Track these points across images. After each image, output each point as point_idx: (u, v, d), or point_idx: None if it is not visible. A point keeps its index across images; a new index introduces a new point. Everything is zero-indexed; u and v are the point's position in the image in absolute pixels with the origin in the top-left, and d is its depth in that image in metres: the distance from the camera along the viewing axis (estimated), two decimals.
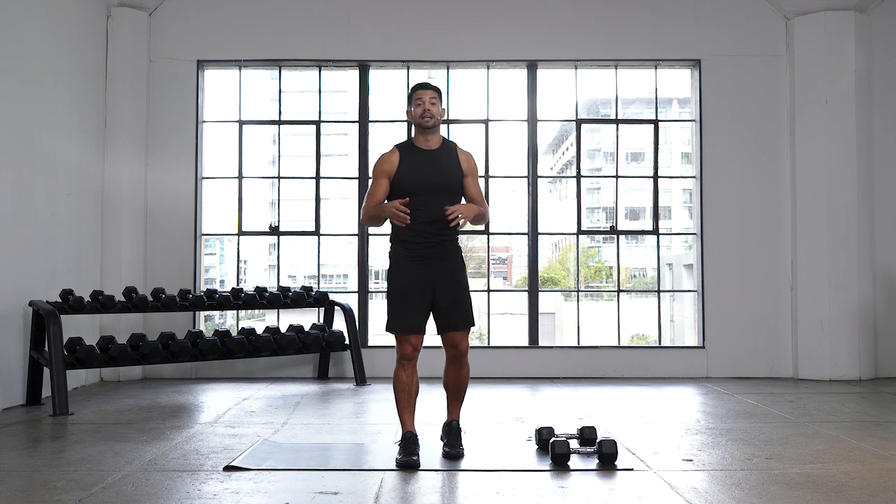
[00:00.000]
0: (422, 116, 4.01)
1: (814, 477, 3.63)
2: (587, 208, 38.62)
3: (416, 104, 4.05)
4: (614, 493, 3.43)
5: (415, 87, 4.14)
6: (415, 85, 4.16)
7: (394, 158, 4.03)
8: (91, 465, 3.89)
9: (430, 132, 4.06)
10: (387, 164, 4.02)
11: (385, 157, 4.05)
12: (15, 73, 5.76)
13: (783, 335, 7.36)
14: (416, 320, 3.95)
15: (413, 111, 4.07)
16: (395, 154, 4.05)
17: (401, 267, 4.00)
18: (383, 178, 4.01)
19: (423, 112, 4.00)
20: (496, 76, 7.75)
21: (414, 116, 4.07)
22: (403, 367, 3.99)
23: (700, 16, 7.54)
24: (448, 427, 4.16)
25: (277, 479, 3.64)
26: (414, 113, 4.07)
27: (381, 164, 4.04)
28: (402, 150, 4.08)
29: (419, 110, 4.03)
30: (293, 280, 22.83)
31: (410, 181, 3.97)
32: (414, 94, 4.09)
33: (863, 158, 7.21)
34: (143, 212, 7.30)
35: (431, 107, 4.01)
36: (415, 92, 4.10)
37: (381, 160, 4.05)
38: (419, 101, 4.04)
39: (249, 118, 7.78)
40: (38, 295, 5.96)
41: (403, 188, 3.97)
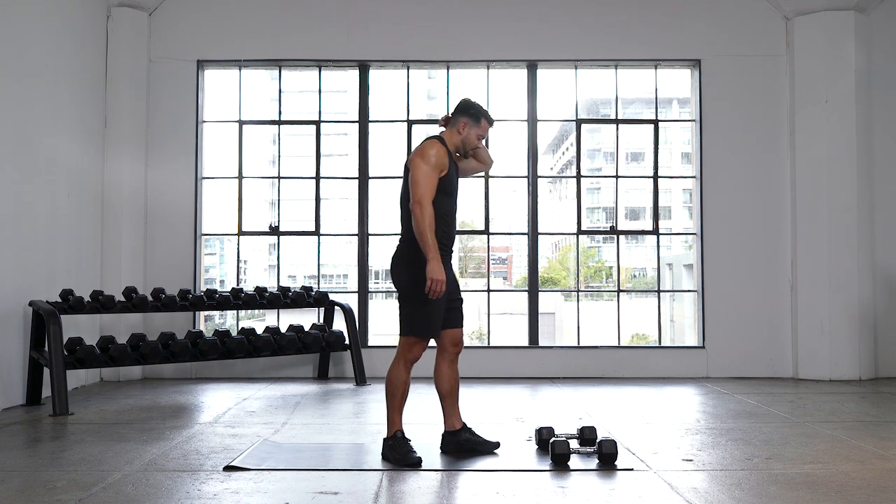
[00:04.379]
0: (473, 147, 4.15)
1: (814, 477, 3.63)
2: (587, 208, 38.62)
3: (479, 135, 4.12)
4: (614, 493, 3.43)
5: (488, 116, 4.15)
6: (488, 114, 4.16)
7: (446, 156, 4.01)
8: (91, 465, 3.89)
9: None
10: (445, 159, 3.98)
11: (442, 151, 3.98)
12: (15, 73, 5.76)
13: (783, 335, 7.36)
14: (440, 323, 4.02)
15: (471, 136, 4.10)
16: (446, 152, 4.02)
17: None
18: (439, 171, 3.94)
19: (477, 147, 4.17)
20: (496, 76, 7.76)
21: (468, 139, 4.11)
22: (407, 369, 3.99)
23: (700, 16, 7.54)
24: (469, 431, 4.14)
25: (277, 479, 3.64)
26: (471, 138, 4.11)
27: (440, 157, 3.95)
28: (447, 149, 4.05)
29: (478, 143, 4.14)
30: (293, 280, 22.83)
31: (453, 185, 4.06)
32: (483, 123, 4.12)
33: (863, 158, 7.21)
34: (143, 212, 7.30)
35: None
36: (485, 122, 4.13)
37: (440, 153, 3.96)
38: (483, 137, 4.15)
39: (249, 118, 7.78)
40: (38, 295, 5.96)
41: (446, 190, 3.98)
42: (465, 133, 4.09)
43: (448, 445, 4.15)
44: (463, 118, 4.10)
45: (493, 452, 4.14)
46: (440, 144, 4.00)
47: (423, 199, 3.84)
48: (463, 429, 4.17)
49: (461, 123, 4.10)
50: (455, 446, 4.14)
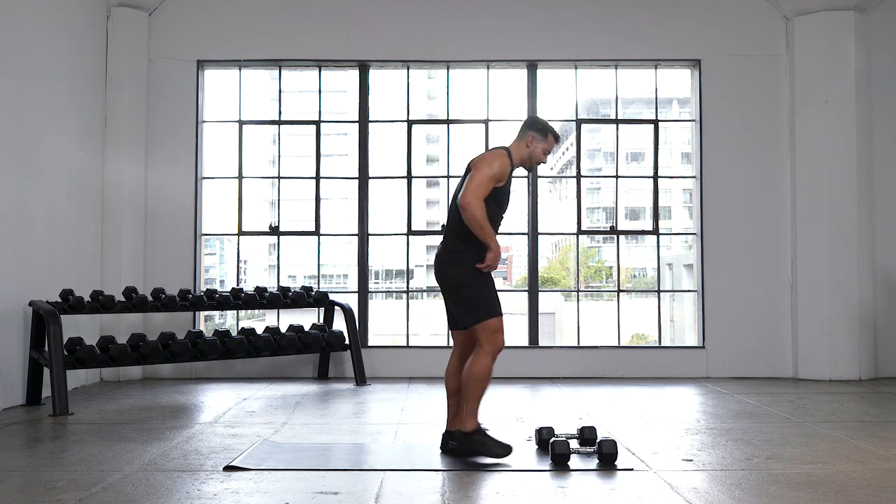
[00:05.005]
0: (539, 162, 4.18)
1: (814, 477, 3.63)
2: (587, 208, 38.63)
3: (545, 150, 4.14)
4: (614, 493, 3.43)
5: (555, 134, 4.18)
6: (556, 132, 4.19)
7: (508, 168, 4.04)
8: (91, 465, 3.89)
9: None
10: (506, 171, 4.02)
11: (506, 163, 4.02)
12: (15, 73, 5.76)
13: (783, 335, 7.36)
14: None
15: (538, 151, 4.13)
16: (509, 165, 4.05)
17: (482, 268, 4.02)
18: (496, 181, 3.97)
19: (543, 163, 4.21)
20: (496, 76, 7.75)
21: (535, 154, 4.14)
22: (494, 362, 4.01)
23: (700, 16, 7.54)
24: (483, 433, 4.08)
25: (277, 479, 3.64)
26: (538, 153, 4.13)
27: (503, 169, 3.99)
28: (511, 162, 4.08)
29: (544, 159, 4.17)
30: (293, 280, 22.85)
31: (506, 198, 4.10)
32: (551, 139, 4.15)
33: (863, 158, 7.21)
34: (143, 212, 7.30)
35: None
36: (552, 139, 4.16)
37: (503, 164, 3.99)
38: (549, 153, 4.17)
39: (249, 118, 7.78)
40: (38, 295, 5.96)
41: (498, 200, 4.02)
42: (532, 147, 4.12)
43: (448, 445, 4.14)
44: (531, 133, 4.12)
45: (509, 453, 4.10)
46: (506, 157, 4.04)
47: (474, 196, 3.89)
48: (477, 430, 4.12)
49: (529, 137, 4.12)
50: (480, 439, 4.10)
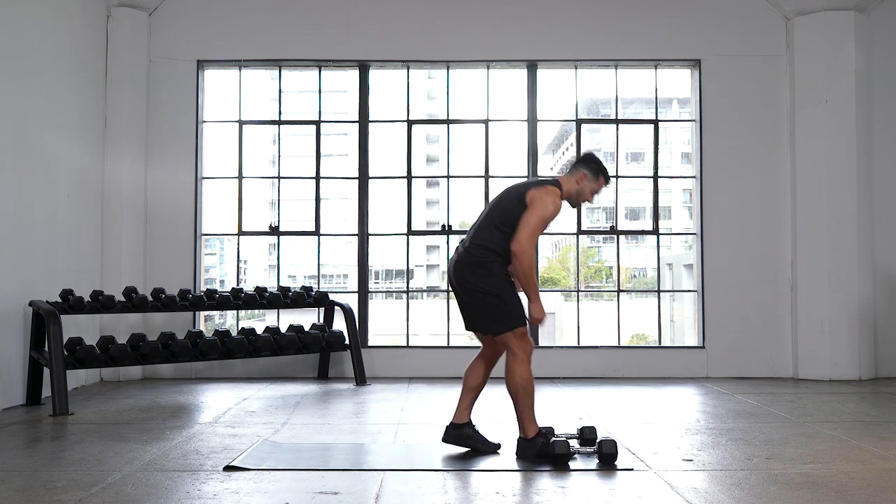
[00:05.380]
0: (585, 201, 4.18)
1: (814, 477, 3.63)
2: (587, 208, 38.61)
3: (593, 190, 4.14)
4: (614, 493, 3.43)
5: (607, 175, 4.17)
6: (608, 174, 4.18)
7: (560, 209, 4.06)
8: (91, 465, 3.89)
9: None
10: (559, 211, 4.03)
11: (559, 205, 4.03)
12: (15, 73, 5.76)
13: (783, 335, 7.36)
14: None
15: (586, 190, 4.12)
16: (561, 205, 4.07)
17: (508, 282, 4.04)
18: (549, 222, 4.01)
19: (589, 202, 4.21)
20: (496, 76, 7.75)
21: (583, 193, 4.13)
22: (530, 363, 4.02)
23: (700, 16, 7.54)
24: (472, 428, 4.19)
25: (277, 479, 3.64)
26: (586, 193, 4.13)
27: (556, 210, 4.01)
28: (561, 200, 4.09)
29: (591, 198, 4.16)
30: (293, 280, 22.85)
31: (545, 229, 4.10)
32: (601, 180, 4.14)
33: (863, 158, 7.21)
34: (143, 212, 7.30)
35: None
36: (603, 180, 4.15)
37: (557, 206, 4.00)
38: (597, 193, 4.17)
39: (249, 118, 7.78)
40: (38, 295, 5.96)
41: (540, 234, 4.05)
42: (581, 185, 4.11)
43: (450, 437, 4.17)
44: (584, 170, 4.11)
45: (496, 452, 4.15)
46: (559, 197, 4.03)
47: (529, 244, 3.90)
48: (468, 424, 4.18)
49: (580, 174, 4.11)
50: (456, 439, 4.16)
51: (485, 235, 4.03)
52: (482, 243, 4.01)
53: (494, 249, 3.97)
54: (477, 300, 4.03)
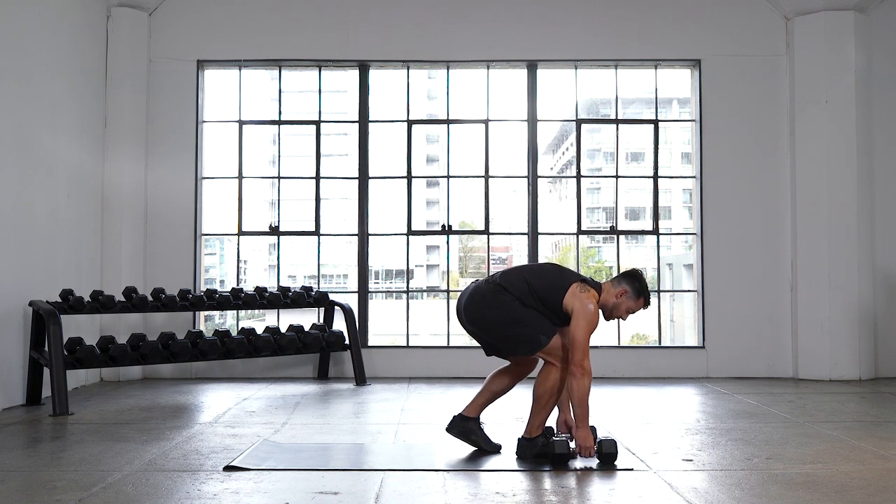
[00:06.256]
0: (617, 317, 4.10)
1: (814, 477, 3.63)
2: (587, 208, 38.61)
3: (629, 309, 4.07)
4: (614, 493, 3.43)
5: (648, 299, 4.11)
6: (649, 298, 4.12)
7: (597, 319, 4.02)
8: (91, 465, 3.89)
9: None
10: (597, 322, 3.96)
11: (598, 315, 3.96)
12: (15, 73, 5.75)
13: (783, 335, 7.36)
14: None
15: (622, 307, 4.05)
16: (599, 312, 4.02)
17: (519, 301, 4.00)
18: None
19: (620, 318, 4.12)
20: (496, 76, 7.75)
21: (619, 309, 4.05)
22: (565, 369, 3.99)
23: (700, 16, 7.54)
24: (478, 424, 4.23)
25: (277, 479, 3.63)
26: (622, 310, 4.06)
27: (597, 321, 3.94)
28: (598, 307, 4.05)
29: (626, 316, 4.09)
30: (293, 280, 22.82)
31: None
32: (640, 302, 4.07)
33: (863, 158, 7.21)
34: (143, 212, 7.30)
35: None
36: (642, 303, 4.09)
37: (598, 316, 3.94)
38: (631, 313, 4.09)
39: (249, 118, 7.78)
40: (38, 295, 5.96)
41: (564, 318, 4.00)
42: (619, 300, 4.05)
43: (454, 427, 4.20)
44: (626, 286, 4.06)
45: (496, 453, 4.15)
46: (597, 302, 3.96)
47: (587, 364, 3.85)
48: (475, 420, 4.20)
49: (622, 290, 4.05)
50: (459, 430, 4.18)
51: (512, 282, 4.00)
52: (506, 286, 4.00)
53: (516, 296, 3.96)
54: (499, 333, 4.02)
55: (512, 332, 3.97)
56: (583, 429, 3.92)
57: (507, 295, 3.98)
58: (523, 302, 3.96)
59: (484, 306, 4.02)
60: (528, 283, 4.00)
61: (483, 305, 4.03)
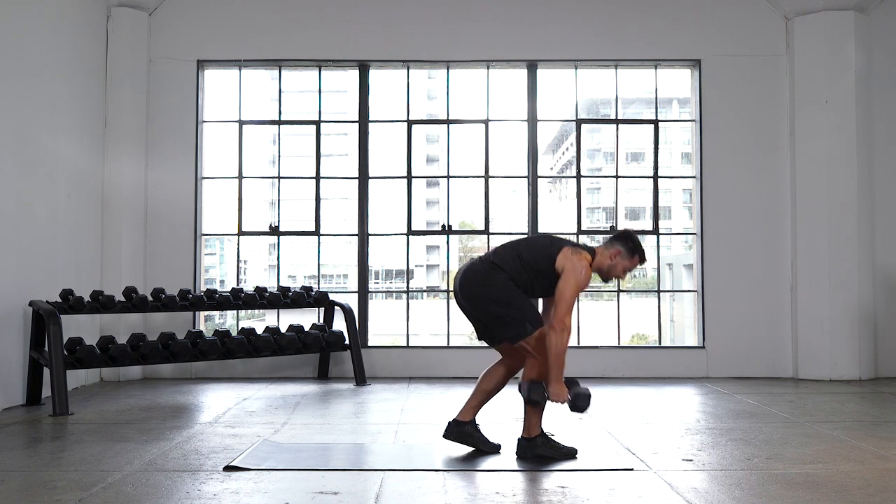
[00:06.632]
0: (615, 277, 4.13)
1: (814, 477, 3.63)
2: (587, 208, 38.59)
3: (625, 268, 4.08)
4: (614, 492, 3.43)
5: (643, 256, 4.11)
6: (644, 254, 4.12)
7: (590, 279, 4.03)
8: (91, 465, 3.89)
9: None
10: (587, 283, 3.98)
11: (589, 277, 3.98)
12: (15, 74, 5.75)
13: (783, 335, 7.36)
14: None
15: (618, 267, 4.07)
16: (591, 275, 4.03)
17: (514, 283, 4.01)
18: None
19: (619, 278, 4.16)
20: (496, 76, 7.75)
21: (615, 269, 4.07)
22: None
23: (700, 16, 7.54)
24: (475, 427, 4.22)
25: (277, 479, 3.64)
26: (618, 269, 4.07)
27: (587, 282, 3.97)
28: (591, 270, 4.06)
29: (622, 275, 4.11)
30: (293, 280, 22.83)
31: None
32: (635, 259, 4.08)
33: (863, 158, 7.21)
34: (143, 212, 7.30)
35: None
36: (637, 260, 4.09)
37: (588, 277, 3.96)
38: (629, 272, 4.11)
39: (249, 118, 7.78)
40: (38, 295, 5.96)
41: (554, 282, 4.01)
42: (614, 261, 4.07)
43: (451, 433, 4.19)
44: (619, 247, 4.07)
45: (496, 453, 4.15)
46: (590, 268, 3.98)
47: (567, 320, 3.86)
48: (470, 423, 4.19)
49: (616, 251, 4.07)
50: (457, 435, 4.18)
51: (505, 259, 4.03)
52: (500, 263, 4.02)
53: (508, 272, 3.98)
54: (488, 311, 4.03)
55: (501, 311, 3.98)
56: (556, 384, 3.88)
57: (502, 274, 3.99)
58: (516, 282, 3.98)
59: (478, 283, 4.04)
60: (521, 256, 4.02)
61: (477, 283, 4.05)
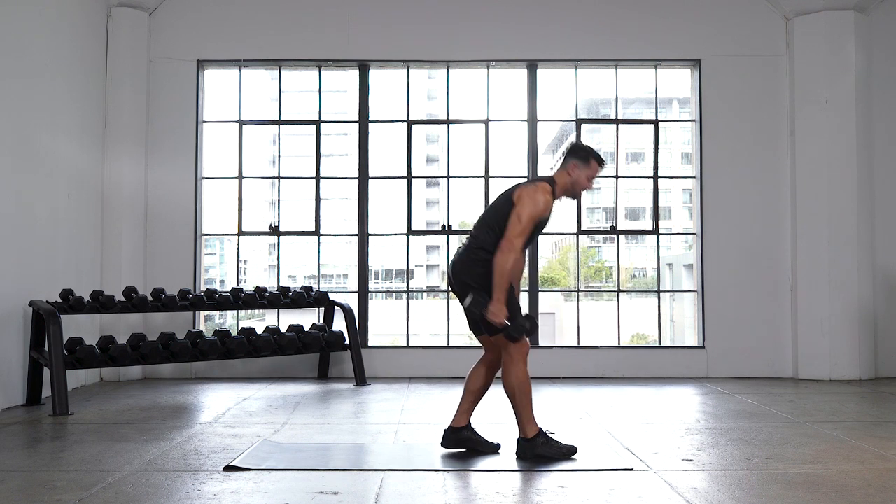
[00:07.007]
0: (584, 189, 4.13)
1: (814, 477, 3.63)
2: (587, 208, 38.59)
3: (589, 176, 4.08)
4: (614, 492, 3.43)
5: (599, 159, 4.11)
6: (599, 157, 4.12)
7: (551, 205, 4.02)
8: (91, 465, 3.89)
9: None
10: (550, 209, 3.99)
11: (550, 201, 3.99)
12: (15, 74, 5.75)
13: (783, 335, 7.36)
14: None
15: (581, 178, 4.07)
16: (552, 201, 4.03)
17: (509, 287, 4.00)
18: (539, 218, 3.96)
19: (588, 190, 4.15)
20: (496, 76, 7.75)
21: (579, 182, 4.07)
22: (526, 364, 4.01)
23: (700, 16, 7.54)
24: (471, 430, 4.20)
25: (277, 479, 3.64)
26: (581, 180, 4.07)
27: (547, 207, 3.97)
28: (553, 196, 4.05)
29: (589, 185, 4.10)
30: (293, 280, 22.84)
31: (541, 228, 4.07)
32: (593, 164, 4.08)
33: (863, 158, 7.21)
34: (143, 212, 7.30)
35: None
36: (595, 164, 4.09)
37: (548, 203, 3.97)
38: (594, 178, 4.10)
39: (249, 118, 7.78)
40: (38, 295, 5.96)
41: (535, 233, 4.03)
42: (574, 175, 4.07)
43: (449, 441, 4.17)
44: (573, 160, 4.08)
45: (496, 453, 4.15)
46: (550, 193, 4.00)
47: (517, 242, 3.87)
48: (466, 427, 4.17)
49: (571, 165, 4.08)
50: (455, 443, 4.16)
51: (481, 236, 4.04)
52: (479, 245, 4.02)
53: (489, 250, 3.96)
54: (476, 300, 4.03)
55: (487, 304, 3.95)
56: (495, 303, 3.85)
57: (482, 254, 3.96)
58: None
59: (462, 272, 4.06)
60: (489, 224, 4.01)
61: (461, 272, 4.06)
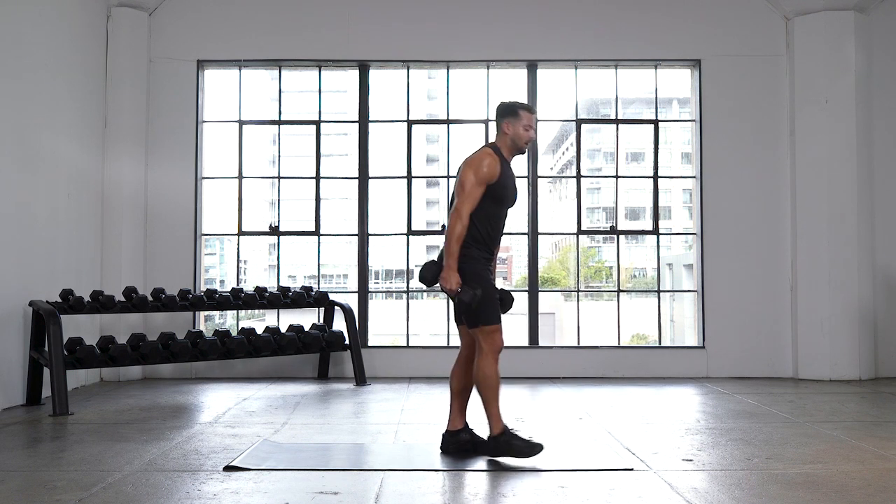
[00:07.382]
0: (527, 142, 4.12)
1: (814, 477, 3.63)
2: (587, 208, 38.64)
3: (525, 126, 4.08)
4: (614, 492, 3.43)
5: (524, 106, 4.11)
6: (524, 105, 4.13)
7: (498, 166, 4.00)
8: (91, 465, 3.89)
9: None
10: (495, 169, 3.98)
11: (494, 161, 3.99)
12: (15, 74, 5.75)
13: (783, 335, 7.36)
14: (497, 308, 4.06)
15: (519, 132, 4.08)
16: (498, 161, 4.02)
17: (483, 267, 4.02)
18: (486, 183, 3.96)
19: (530, 139, 4.12)
20: (496, 76, 7.75)
21: (518, 136, 4.09)
22: (497, 361, 3.99)
23: (700, 16, 7.54)
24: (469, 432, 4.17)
25: (277, 479, 3.64)
26: (521, 133, 4.08)
27: (491, 169, 3.96)
28: (500, 158, 4.05)
29: (528, 134, 4.09)
30: (293, 280, 22.84)
31: (507, 191, 4.06)
32: (523, 114, 4.08)
33: (863, 158, 7.21)
34: (143, 212, 7.30)
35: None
36: (525, 112, 4.09)
37: (491, 164, 3.97)
38: (530, 126, 4.09)
39: (249, 118, 7.78)
40: (38, 295, 5.96)
41: (497, 197, 4.01)
42: (511, 131, 4.09)
43: (448, 445, 4.15)
44: (504, 119, 4.11)
45: None
46: (493, 155, 4.01)
47: (463, 211, 3.92)
48: (464, 429, 4.16)
49: (505, 124, 4.11)
50: (455, 446, 4.14)
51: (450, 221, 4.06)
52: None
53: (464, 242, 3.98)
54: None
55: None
56: (446, 270, 3.90)
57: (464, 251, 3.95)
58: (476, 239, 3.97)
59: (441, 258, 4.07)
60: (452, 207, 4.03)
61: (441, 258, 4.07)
